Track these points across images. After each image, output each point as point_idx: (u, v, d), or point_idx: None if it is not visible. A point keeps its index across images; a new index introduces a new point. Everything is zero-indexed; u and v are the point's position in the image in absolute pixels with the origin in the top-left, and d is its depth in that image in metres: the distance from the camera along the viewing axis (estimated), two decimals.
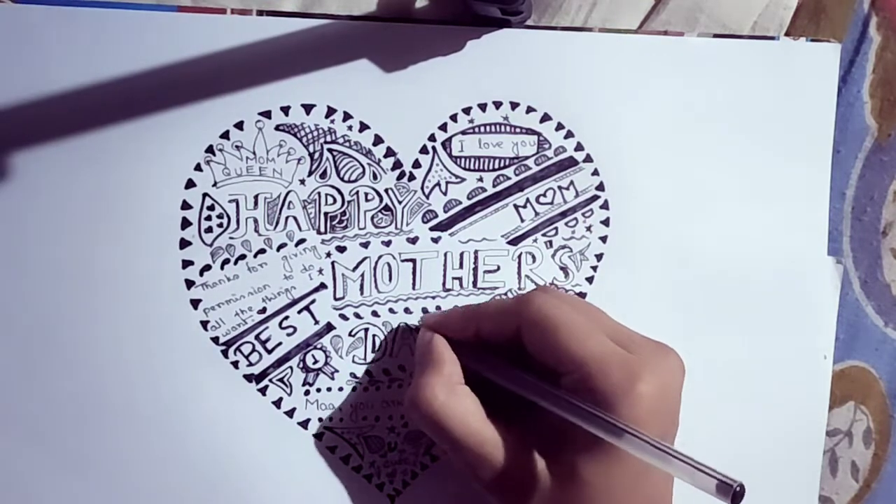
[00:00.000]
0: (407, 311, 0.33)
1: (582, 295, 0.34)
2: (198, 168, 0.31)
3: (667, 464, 0.24)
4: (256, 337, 0.32)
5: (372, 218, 0.33)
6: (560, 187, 0.34)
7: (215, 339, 0.32)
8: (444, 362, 0.30)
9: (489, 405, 0.29)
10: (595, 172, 0.34)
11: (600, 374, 0.27)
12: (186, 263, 0.32)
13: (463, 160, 0.33)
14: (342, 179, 0.32)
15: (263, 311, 0.32)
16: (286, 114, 0.32)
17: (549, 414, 0.28)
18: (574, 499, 0.27)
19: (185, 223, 0.32)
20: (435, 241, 0.33)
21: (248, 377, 0.32)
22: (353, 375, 0.33)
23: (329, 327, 0.33)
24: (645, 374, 0.27)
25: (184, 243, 0.32)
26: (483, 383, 0.30)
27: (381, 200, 0.33)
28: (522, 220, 0.34)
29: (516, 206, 0.34)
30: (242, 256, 0.32)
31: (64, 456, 0.31)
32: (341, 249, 0.33)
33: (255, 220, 0.32)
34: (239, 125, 0.32)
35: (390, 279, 0.33)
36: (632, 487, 0.27)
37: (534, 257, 0.34)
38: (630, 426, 0.25)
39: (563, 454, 0.28)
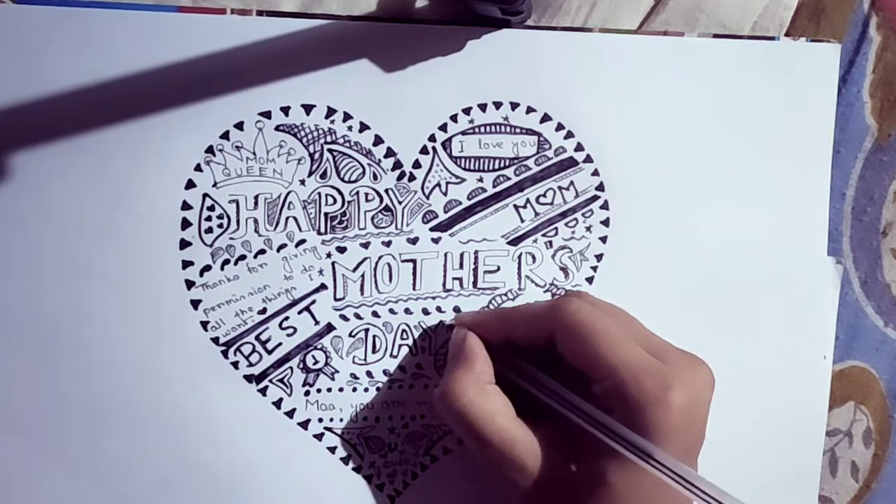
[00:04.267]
0: (407, 311, 0.33)
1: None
2: (198, 168, 0.31)
3: (692, 493, 0.24)
4: (257, 337, 0.32)
5: (372, 218, 0.33)
6: (560, 187, 0.34)
7: (215, 340, 0.32)
8: (477, 360, 0.30)
9: (519, 406, 0.29)
10: (595, 173, 0.34)
11: (633, 383, 0.27)
12: (186, 264, 0.32)
13: (463, 160, 0.33)
14: (342, 180, 0.32)
15: (264, 311, 0.32)
16: (286, 114, 0.32)
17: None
18: (599, 502, 0.27)
19: (186, 223, 0.32)
20: (435, 241, 0.33)
21: (249, 378, 0.32)
22: (353, 376, 0.33)
23: (329, 328, 0.33)
24: (677, 385, 0.27)
25: (184, 244, 0.32)
26: (513, 383, 0.30)
27: (382, 201, 0.33)
28: (522, 221, 0.34)
29: (516, 207, 0.34)
30: (243, 257, 0.32)
31: (64, 456, 0.31)
32: (341, 250, 0.33)
33: (256, 221, 0.32)
34: (239, 125, 0.32)
35: (390, 279, 0.33)
36: (657, 493, 0.27)
37: (534, 257, 0.34)
38: (658, 453, 0.25)
39: (589, 458, 0.28)
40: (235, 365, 0.32)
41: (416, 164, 0.33)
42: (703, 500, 0.24)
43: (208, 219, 0.32)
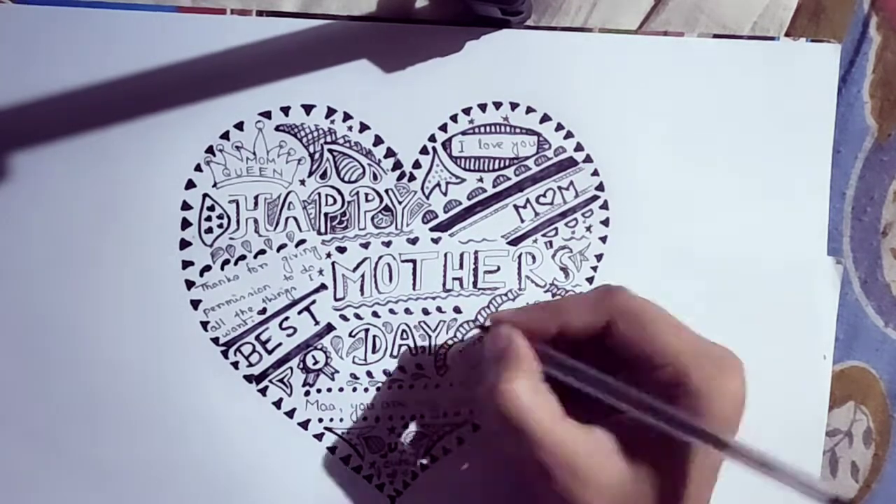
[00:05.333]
0: (407, 311, 0.33)
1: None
2: (198, 168, 0.31)
3: (774, 474, 0.24)
4: (257, 337, 0.32)
5: (372, 218, 0.33)
6: (560, 188, 0.34)
7: (215, 340, 0.32)
8: (526, 359, 0.28)
9: (562, 404, 0.28)
10: (595, 173, 0.34)
11: (695, 368, 0.27)
12: (187, 264, 0.32)
13: (463, 161, 0.33)
14: (342, 180, 0.32)
15: (264, 311, 0.32)
16: (286, 114, 0.32)
17: (622, 415, 0.27)
18: (650, 499, 0.27)
19: (186, 224, 0.32)
20: (435, 241, 0.33)
21: (249, 378, 0.32)
22: (353, 376, 0.33)
23: (329, 328, 0.33)
24: (731, 371, 0.27)
25: (184, 244, 0.32)
26: (555, 383, 0.29)
27: (382, 201, 0.33)
28: (522, 221, 0.34)
29: (516, 207, 0.34)
30: (242, 257, 0.32)
31: (64, 456, 0.31)
32: (341, 250, 0.33)
33: (256, 221, 0.32)
34: (239, 125, 0.32)
35: (390, 280, 0.33)
36: (705, 486, 0.27)
37: (534, 258, 0.34)
38: (732, 440, 0.25)
39: (639, 454, 0.27)
40: (235, 365, 0.32)
41: (416, 165, 0.33)
42: (784, 483, 0.24)
43: (208, 219, 0.32)
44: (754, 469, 0.25)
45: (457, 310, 0.33)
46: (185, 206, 0.31)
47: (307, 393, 0.33)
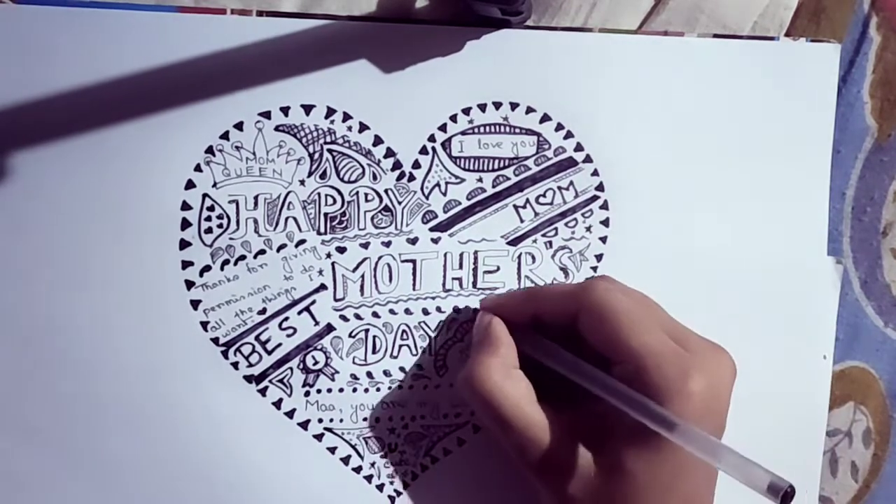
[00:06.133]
0: (407, 311, 0.33)
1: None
2: (198, 169, 0.31)
3: (718, 459, 0.24)
4: (256, 338, 0.32)
5: (372, 218, 0.33)
6: (560, 188, 0.34)
7: (215, 340, 0.32)
8: (502, 344, 0.30)
9: (540, 391, 0.30)
10: (595, 173, 0.34)
11: (654, 368, 0.27)
12: (186, 264, 0.32)
13: (462, 161, 0.33)
14: (342, 180, 0.32)
15: (263, 311, 0.32)
16: (286, 114, 0.32)
17: (596, 404, 0.28)
18: (617, 490, 0.27)
19: (185, 224, 0.32)
20: (435, 241, 0.33)
21: (248, 378, 0.32)
22: (353, 377, 0.33)
23: (329, 328, 0.33)
24: (697, 373, 0.27)
25: (184, 244, 0.32)
26: (535, 369, 0.30)
27: (381, 201, 0.33)
28: (522, 221, 0.34)
29: (516, 207, 0.34)
30: (242, 257, 0.32)
31: (64, 456, 0.31)
32: (341, 250, 0.33)
33: (255, 221, 0.32)
34: (239, 126, 0.32)
35: (390, 280, 0.33)
36: (673, 482, 0.27)
37: (533, 258, 0.34)
38: (683, 422, 0.25)
39: (609, 444, 0.28)
40: (235, 365, 0.32)
41: (416, 165, 0.33)
42: (727, 470, 0.24)
43: (208, 219, 0.32)
44: (704, 456, 0.25)
45: (457, 310, 0.33)
46: (185, 207, 0.31)
47: (307, 393, 0.33)
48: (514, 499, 0.34)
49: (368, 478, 0.33)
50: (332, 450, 0.33)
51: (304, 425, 0.33)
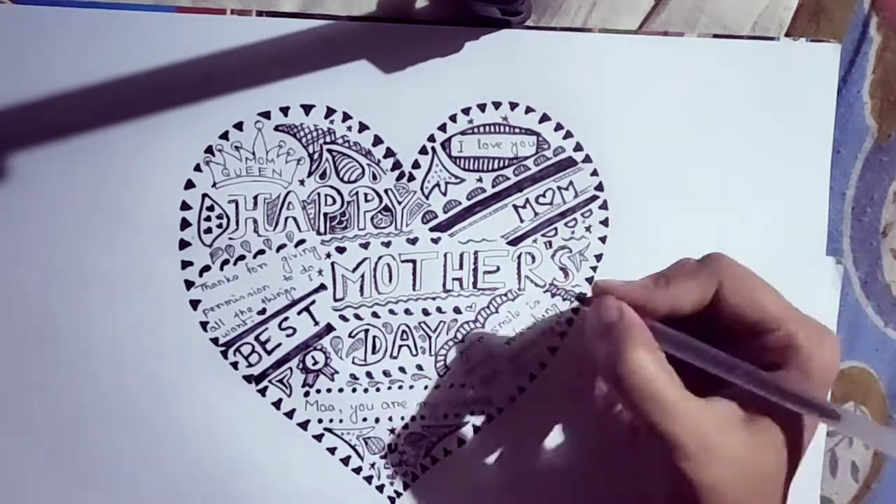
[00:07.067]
0: (407, 311, 0.33)
1: (581, 296, 0.34)
2: (197, 168, 0.31)
3: (885, 444, 0.25)
4: (256, 338, 0.32)
5: (372, 218, 0.33)
6: (559, 188, 0.34)
7: (215, 340, 0.32)
8: (645, 331, 0.28)
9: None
10: (594, 173, 0.34)
11: (802, 331, 0.27)
12: (186, 264, 0.32)
13: (462, 161, 0.33)
14: (342, 180, 0.32)
15: (263, 311, 0.32)
16: (285, 114, 0.32)
17: (732, 386, 0.27)
18: (770, 469, 0.27)
19: (185, 224, 0.32)
20: (435, 241, 0.33)
21: (248, 378, 0.32)
22: (353, 377, 0.33)
23: (329, 328, 0.33)
24: (835, 341, 0.28)
25: (183, 244, 0.32)
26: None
27: (381, 201, 0.33)
28: (522, 221, 0.34)
29: (516, 207, 0.34)
30: (242, 257, 0.32)
31: (63, 457, 0.31)
32: (341, 250, 0.33)
33: (255, 221, 0.32)
34: (238, 126, 0.32)
35: (390, 280, 0.33)
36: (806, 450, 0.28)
37: (533, 258, 0.34)
38: (846, 412, 0.25)
39: (756, 424, 0.27)
40: (235, 365, 0.32)
41: (416, 165, 0.33)
42: (892, 452, 0.24)
43: (208, 219, 0.32)
44: (869, 441, 0.25)
45: (457, 310, 0.33)
46: (185, 206, 0.31)
47: (307, 393, 0.33)
48: (515, 499, 0.34)
49: (368, 478, 0.33)
50: (332, 450, 0.33)
51: (304, 425, 0.33)
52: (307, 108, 0.32)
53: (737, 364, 0.27)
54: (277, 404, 0.33)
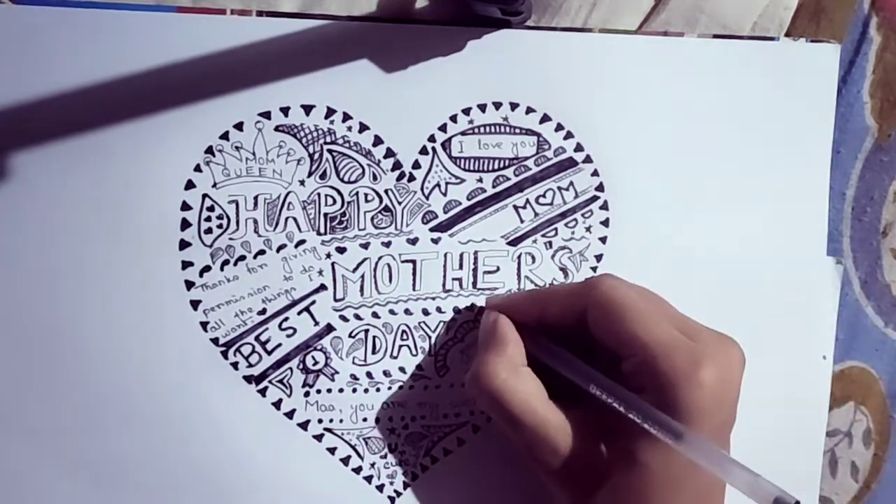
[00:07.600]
0: (407, 312, 0.33)
1: None
2: (197, 169, 0.31)
3: (724, 471, 0.24)
4: (256, 338, 0.32)
5: (372, 219, 0.33)
6: (560, 188, 0.34)
7: (215, 341, 0.32)
8: (508, 342, 0.30)
9: (551, 388, 0.29)
10: (595, 173, 0.34)
11: (664, 359, 0.27)
12: (186, 264, 0.32)
13: (462, 161, 0.33)
14: (342, 180, 0.32)
15: (263, 312, 0.32)
16: (286, 114, 0.32)
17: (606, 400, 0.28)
18: (630, 483, 0.27)
19: (185, 224, 0.32)
20: (435, 241, 0.33)
21: (248, 378, 0.32)
22: (353, 377, 0.33)
23: (329, 328, 0.33)
24: (707, 363, 0.27)
25: (183, 244, 0.32)
26: (545, 367, 0.30)
27: (381, 201, 0.33)
28: (522, 221, 0.34)
29: (516, 207, 0.34)
30: (242, 257, 0.32)
31: (63, 457, 0.31)
32: (341, 250, 0.33)
33: (255, 221, 0.32)
34: (238, 126, 0.32)
35: (390, 280, 0.33)
36: (686, 474, 0.27)
37: (533, 258, 0.34)
38: (688, 433, 0.25)
39: (621, 439, 0.28)
40: (235, 366, 0.32)
41: (416, 165, 0.33)
42: (732, 482, 0.24)
43: (208, 219, 0.32)
44: (710, 468, 0.25)
45: (457, 310, 0.33)
46: (185, 207, 0.31)
47: (307, 394, 0.33)
48: (515, 499, 0.34)
49: (368, 478, 0.33)
50: (332, 450, 0.33)
51: (304, 426, 0.33)
52: (307, 109, 0.32)
53: (595, 376, 0.28)
54: (277, 404, 0.33)
